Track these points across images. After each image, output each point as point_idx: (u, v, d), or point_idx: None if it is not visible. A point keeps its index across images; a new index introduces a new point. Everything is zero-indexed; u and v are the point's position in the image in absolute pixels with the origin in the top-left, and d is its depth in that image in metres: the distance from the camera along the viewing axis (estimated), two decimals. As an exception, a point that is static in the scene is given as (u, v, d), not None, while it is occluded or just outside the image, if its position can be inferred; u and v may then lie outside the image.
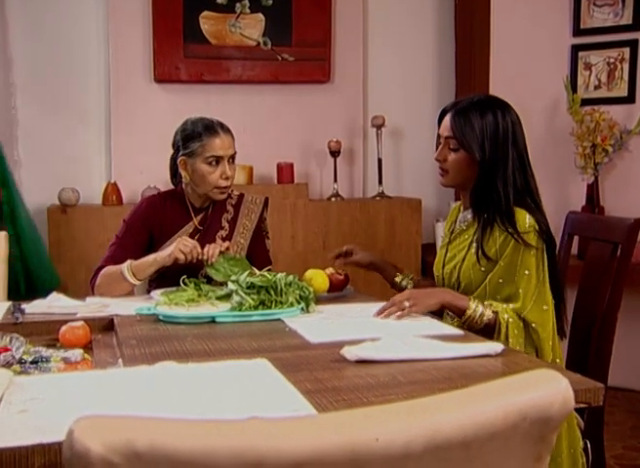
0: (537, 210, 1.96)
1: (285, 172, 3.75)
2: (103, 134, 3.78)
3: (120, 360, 1.63)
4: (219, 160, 2.26)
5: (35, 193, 3.66)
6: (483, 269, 1.97)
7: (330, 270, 2.27)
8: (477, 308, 1.88)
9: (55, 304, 2.03)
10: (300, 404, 1.20)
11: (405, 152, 4.17)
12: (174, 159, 2.39)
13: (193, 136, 2.28)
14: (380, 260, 2.38)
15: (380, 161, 3.91)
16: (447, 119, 2.03)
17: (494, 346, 1.54)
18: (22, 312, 1.98)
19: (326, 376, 1.38)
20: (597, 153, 3.57)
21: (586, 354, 2.07)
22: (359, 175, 4.09)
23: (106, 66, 3.74)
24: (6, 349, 1.58)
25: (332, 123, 3.97)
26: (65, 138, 3.73)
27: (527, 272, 1.89)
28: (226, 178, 2.27)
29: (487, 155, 1.94)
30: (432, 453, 0.64)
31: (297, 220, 3.70)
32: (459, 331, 1.76)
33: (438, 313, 2.00)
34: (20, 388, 1.28)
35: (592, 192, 3.64)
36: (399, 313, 1.86)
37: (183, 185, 2.36)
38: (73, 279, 3.47)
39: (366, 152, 4.08)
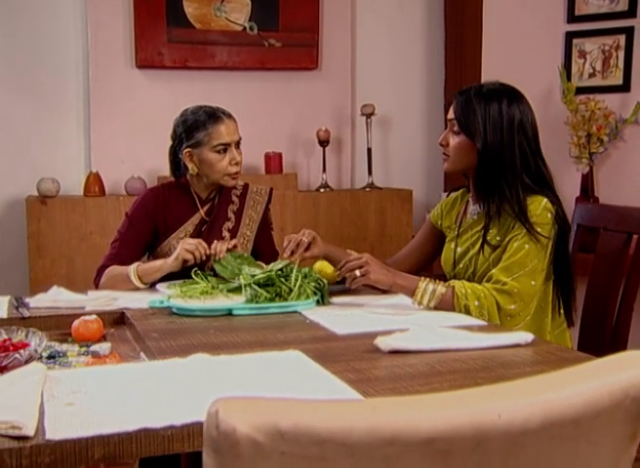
0: (551, 195, 2.03)
1: (273, 162, 3.78)
2: (82, 122, 3.77)
3: (142, 353, 1.66)
4: (226, 147, 2.29)
5: (11, 183, 3.65)
6: (487, 258, 2.04)
7: (338, 262, 2.31)
8: (427, 286, 1.94)
9: (60, 298, 2.04)
10: (349, 393, 1.25)
11: (393, 142, 4.23)
12: (174, 152, 2.40)
13: (197, 125, 2.30)
14: (335, 249, 2.29)
15: (369, 151, 3.97)
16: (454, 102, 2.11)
17: (524, 336, 1.61)
18: (27, 307, 2.00)
19: (364, 367, 1.44)
20: (592, 143, 3.67)
21: (600, 347, 2.15)
22: (347, 165, 4.14)
23: (85, 51, 3.73)
24: (24, 344, 1.60)
25: (319, 111, 4.01)
26: (42, 127, 3.71)
27: (527, 246, 1.96)
28: (236, 164, 2.31)
29: (488, 141, 2.01)
30: (547, 430, 0.70)
31: (285, 212, 3.74)
32: (482, 322, 1.83)
33: None
34: (57, 382, 1.31)
35: (587, 182, 3.74)
36: (353, 284, 1.98)
37: (188, 177, 2.39)
38: (54, 273, 3.47)
39: (354, 141, 4.13)
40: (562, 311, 2.09)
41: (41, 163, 3.67)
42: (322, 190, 3.87)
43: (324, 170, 3.90)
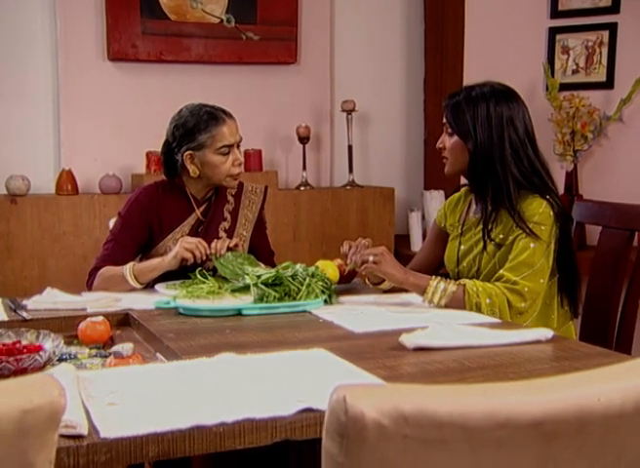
0: (545, 189, 2.13)
1: (253, 159, 3.82)
2: (52, 117, 3.76)
3: (158, 353, 1.70)
4: (229, 148, 2.33)
5: (-23, 181, 3.63)
6: (492, 256, 2.13)
7: (338, 261, 2.37)
8: (438, 285, 2.02)
9: (58, 300, 2.07)
10: (390, 389, 1.32)
11: (373, 139, 4.30)
12: (170, 153, 2.39)
13: (198, 127, 2.32)
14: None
15: (350, 148, 4.03)
16: None
17: (544, 332, 1.69)
18: (25, 308, 2.02)
19: (394, 364, 1.50)
20: (576, 140, 3.79)
21: (602, 343, 2.25)
22: (326, 163, 4.19)
23: (54, 42, 3.71)
24: (37, 347, 1.62)
25: (298, 107, 4.06)
26: (10, 122, 3.69)
27: (532, 245, 2.05)
28: (239, 165, 2.35)
29: (478, 140, 2.11)
30: (640, 413, 0.78)
31: (267, 211, 3.78)
32: (497, 320, 1.91)
33: None
34: (90, 383, 1.35)
35: (571, 180, 3.86)
36: (362, 266, 2.06)
37: (184, 177, 2.41)
38: (25, 275, 3.46)
39: (333, 138, 4.19)
40: (566, 305, 2.18)
41: (9, 160, 3.65)
42: (302, 188, 3.93)
43: (304, 167, 3.96)
